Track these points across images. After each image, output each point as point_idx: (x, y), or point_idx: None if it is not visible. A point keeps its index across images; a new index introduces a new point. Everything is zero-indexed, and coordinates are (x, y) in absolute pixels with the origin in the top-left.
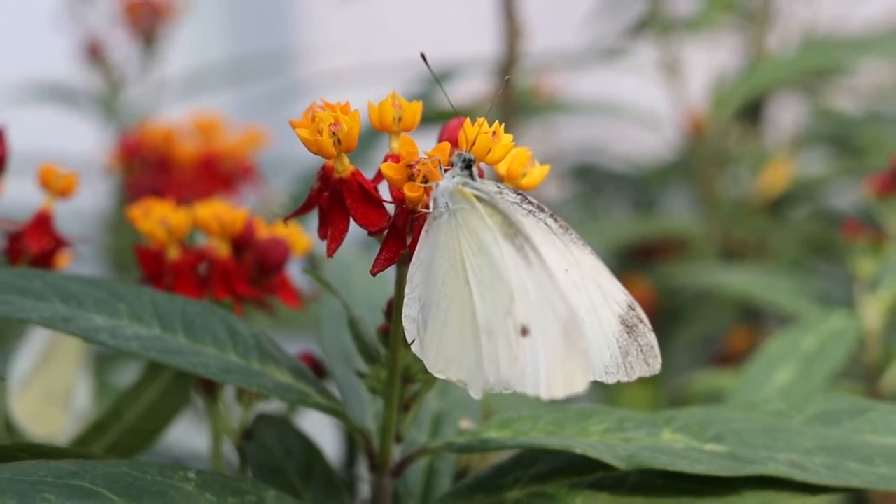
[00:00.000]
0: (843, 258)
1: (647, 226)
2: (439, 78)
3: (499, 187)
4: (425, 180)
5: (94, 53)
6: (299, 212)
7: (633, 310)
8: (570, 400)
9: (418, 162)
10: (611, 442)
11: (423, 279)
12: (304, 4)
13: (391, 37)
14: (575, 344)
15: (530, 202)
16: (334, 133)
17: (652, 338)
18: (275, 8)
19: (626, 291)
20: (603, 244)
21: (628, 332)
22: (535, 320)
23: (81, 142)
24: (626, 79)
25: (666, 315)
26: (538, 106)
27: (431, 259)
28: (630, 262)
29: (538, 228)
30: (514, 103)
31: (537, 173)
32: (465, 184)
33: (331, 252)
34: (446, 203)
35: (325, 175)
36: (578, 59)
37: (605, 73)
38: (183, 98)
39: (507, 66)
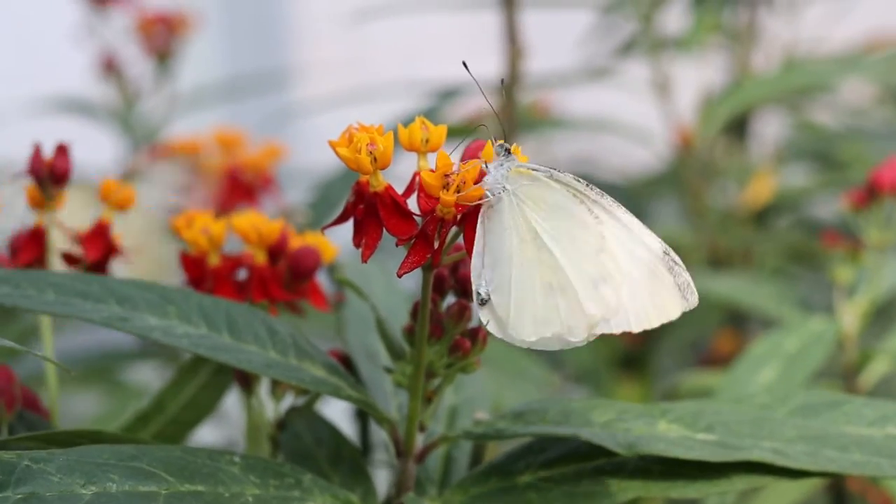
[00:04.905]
0: (822, 266)
1: None
2: (444, 95)
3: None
4: (458, 190)
5: (110, 68)
6: (336, 222)
7: (668, 254)
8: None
9: (453, 173)
10: (613, 431)
11: (491, 263)
12: (301, 23)
13: (386, 57)
14: (660, 279)
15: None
16: (371, 152)
17: (688, 276)
18: (272, 26)
19: (660, 240)
20: None
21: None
22: (621, 261)
23: (98, 153)
24: (618, 95)
25: None
26: (537, 122)
27: (499, 241)
28: None
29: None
30: (515, 120)
31: None
32: (518, 165)
33: (365, 258)
34: (503, 187)
35: (360, 190)
36: (573, 77)
37: (599, 90)
38: (186, 114)
39: (510, 84)
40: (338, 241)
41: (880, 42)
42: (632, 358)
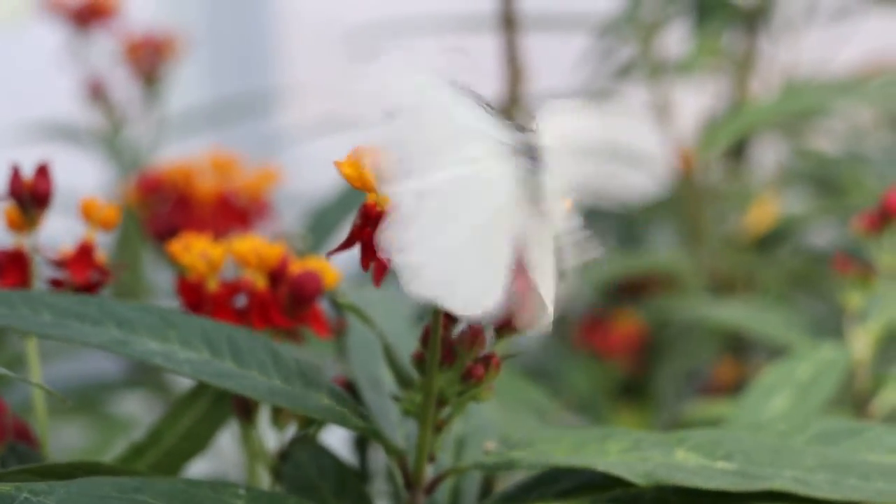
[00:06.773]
0: (824, 292)
1: (634, 262)
2: None
3: None
4: None
5: (96, 93)
6: (341, 248)
7: None
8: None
9: None
10: (629, 461)
11: None
12: (289, 47)
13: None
14: None
15: None
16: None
17: None
18: (257, 51)
19: None
20: (588, 281)
21: None
22: None
23: (83, 179)
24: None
25: (652, 349)
26: None
27: None
28: (617, 298)
29: None
30: None
31: None
32: None
33: (378, 282)
34: None
35: (367, 212)
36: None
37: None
38: (173, 139)
39: (509, 107)
40: (338, 266)
41: (880, 66)
42: (630, 387)
